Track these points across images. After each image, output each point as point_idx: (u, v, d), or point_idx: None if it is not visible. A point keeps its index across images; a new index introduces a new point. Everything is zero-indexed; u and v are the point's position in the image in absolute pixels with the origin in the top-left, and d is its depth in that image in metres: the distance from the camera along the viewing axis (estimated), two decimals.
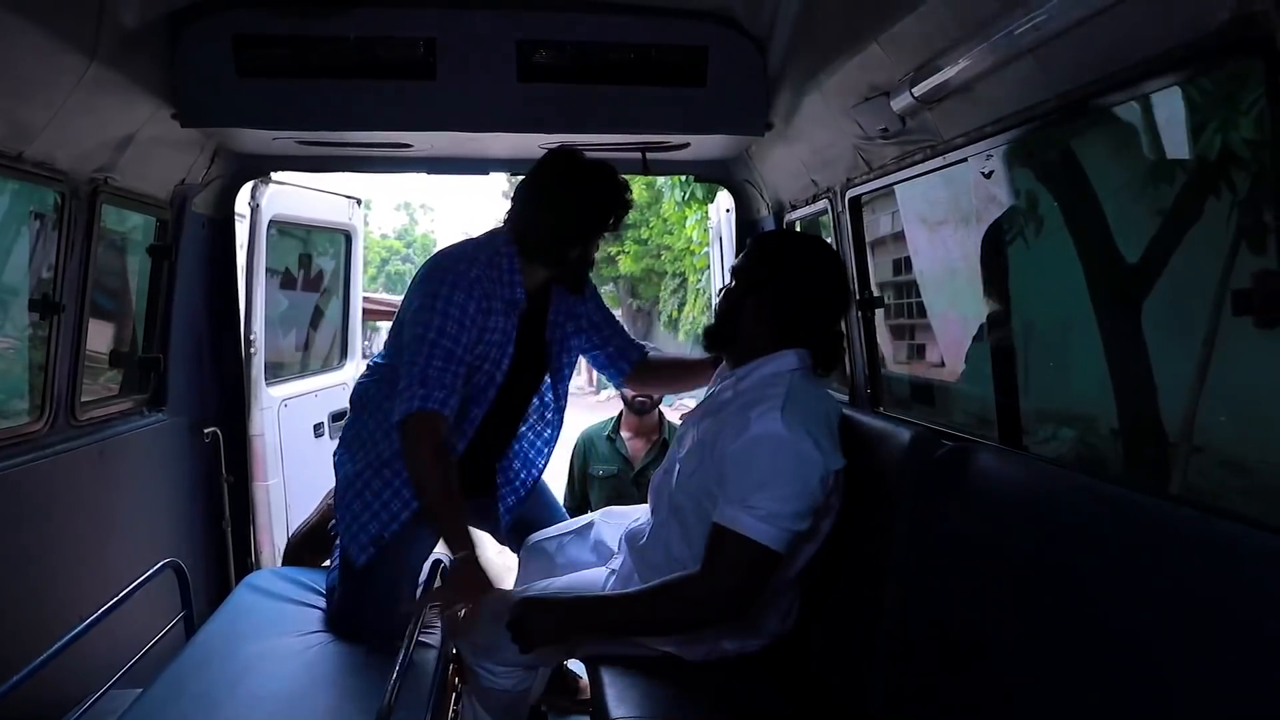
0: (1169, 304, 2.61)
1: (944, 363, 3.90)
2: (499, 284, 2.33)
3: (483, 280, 2.29)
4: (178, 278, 3.15)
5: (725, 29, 2.83)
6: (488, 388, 2.40)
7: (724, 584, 1.91)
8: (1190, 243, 2.53)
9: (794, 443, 1.90)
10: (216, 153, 3.15)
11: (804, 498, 1.90)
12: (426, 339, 2.22)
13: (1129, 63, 1.46)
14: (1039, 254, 2.89)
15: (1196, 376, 2.43)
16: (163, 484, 3.13)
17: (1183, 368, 2.48)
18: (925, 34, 1.87)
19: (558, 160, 2.41)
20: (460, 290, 2.25)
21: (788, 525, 1.88)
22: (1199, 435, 2.49)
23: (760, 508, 1.87)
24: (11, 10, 1.81)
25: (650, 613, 2.01)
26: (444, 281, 2.26)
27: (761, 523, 1.87)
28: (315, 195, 4.35)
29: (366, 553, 2.41)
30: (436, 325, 2.22)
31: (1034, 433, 2.73)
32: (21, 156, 2.18)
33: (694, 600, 1.95)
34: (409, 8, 2.76)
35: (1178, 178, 2.57)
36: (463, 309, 2.24)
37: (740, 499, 1.90)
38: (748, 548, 1.87)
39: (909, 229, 4.08)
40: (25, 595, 2.30)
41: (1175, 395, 2.52)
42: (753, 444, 1.93)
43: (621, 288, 20.59)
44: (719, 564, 1.91)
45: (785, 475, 1.90)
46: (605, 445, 3.97)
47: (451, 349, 2.23)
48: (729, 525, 1.89)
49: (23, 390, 2.67)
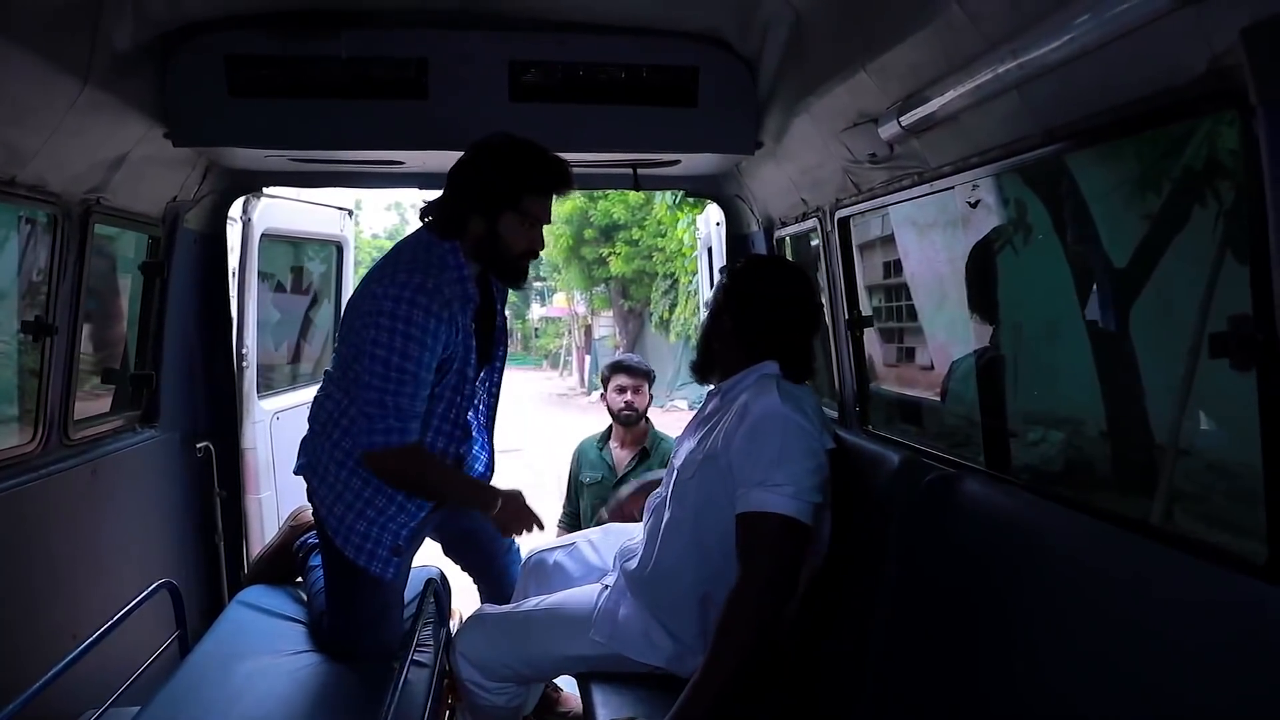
0: (1157, 309, 2.63)
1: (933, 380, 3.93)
2: (453, 283, 2.28)
3: (441, 288, 2.22)
4: (170, 294, 3.15)
5: (716, 49, 2.86)
6: (461, 386, 2.37)
7: (769, 570, 1.91)
8: (1177, 249, 2.55)
9: (795, 418, 2.00)
10: (208, 170, 3.15)
11: (816, 472, 1.97)
12: (391, 364, 2.18)
13: (1111, 104, 1.49)
14: (1028, 263, 2.91)
15: (1184, 380, 2.45)
16: (155, 500, 3.13)
17: (1170, 371, 2.50)
18: (913, 65, 1.90)
19: (480, 141, 2.34)
20: (417, 308, 2.17)
21: (809, 497, 1.94)
22: (1184, 439, 2.52)
23: (783, 483, 1.92)
24: (4, 36, 1.82)
25: (729, 658, 1.91)
26: (400, 299, 2.17)
27: (788, 498, 1.92)
28: (307, 208, 4.36)
29: (392, 565, 2.40)
30: (399, 349, 2.17)
31: (1024, 435, 2.76)
32: (15, 180, 2.19)
33: (752, 604, 1.91)
34: (400, 28, 2.77)
35: (1164, 186, 2.59)
36: (423, 328, 2.18)
37: (760, 481, 1.94)
38: (781, 525, 1.91)
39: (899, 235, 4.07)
40: (20, 616, 2.31)
41: (1162, 398, 2.54)
42: (757, 426, 2.01)
43: (613, 289, 20.59)
44: (758, 553, 1.93)
45: (795, 449, 1.97)
46: (594, 453, 4.06)
47: (416, 372, 2.21)
48: (757, 509, 1.93)
49: (13, 411, 2.66)
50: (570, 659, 2.42)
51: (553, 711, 3.06)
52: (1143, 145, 2.21)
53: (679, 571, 2.14)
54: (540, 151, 2.31)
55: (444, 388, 2.34)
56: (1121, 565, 1.42)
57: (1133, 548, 1.44)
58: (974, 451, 2.35)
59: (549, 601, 2.49)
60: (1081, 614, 1.45)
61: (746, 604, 1.92)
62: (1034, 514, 1.72)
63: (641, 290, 18.90)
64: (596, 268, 19.06)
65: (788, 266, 2.50)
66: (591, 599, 2.41)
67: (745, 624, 1.92)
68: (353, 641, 2.46)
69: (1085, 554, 1.49)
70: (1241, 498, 2.06)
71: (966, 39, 1.67)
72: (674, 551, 2.18)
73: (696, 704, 1.89)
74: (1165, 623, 1.30)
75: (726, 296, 2.28)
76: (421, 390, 2.24)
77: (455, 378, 2.35)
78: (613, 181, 3.67)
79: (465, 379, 2.38)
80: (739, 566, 1.95)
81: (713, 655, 1.93)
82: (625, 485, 2.99)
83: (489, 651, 2.43)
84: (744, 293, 2.25)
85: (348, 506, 2.38)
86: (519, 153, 2.30)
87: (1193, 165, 2.07)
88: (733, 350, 2.23)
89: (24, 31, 1.86)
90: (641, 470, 3.86)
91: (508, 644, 2.43)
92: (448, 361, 2.30)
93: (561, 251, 19.32)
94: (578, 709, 2.95)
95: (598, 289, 21.24)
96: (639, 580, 2.30)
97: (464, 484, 2.50)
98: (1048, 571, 1.56)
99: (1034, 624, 1.55)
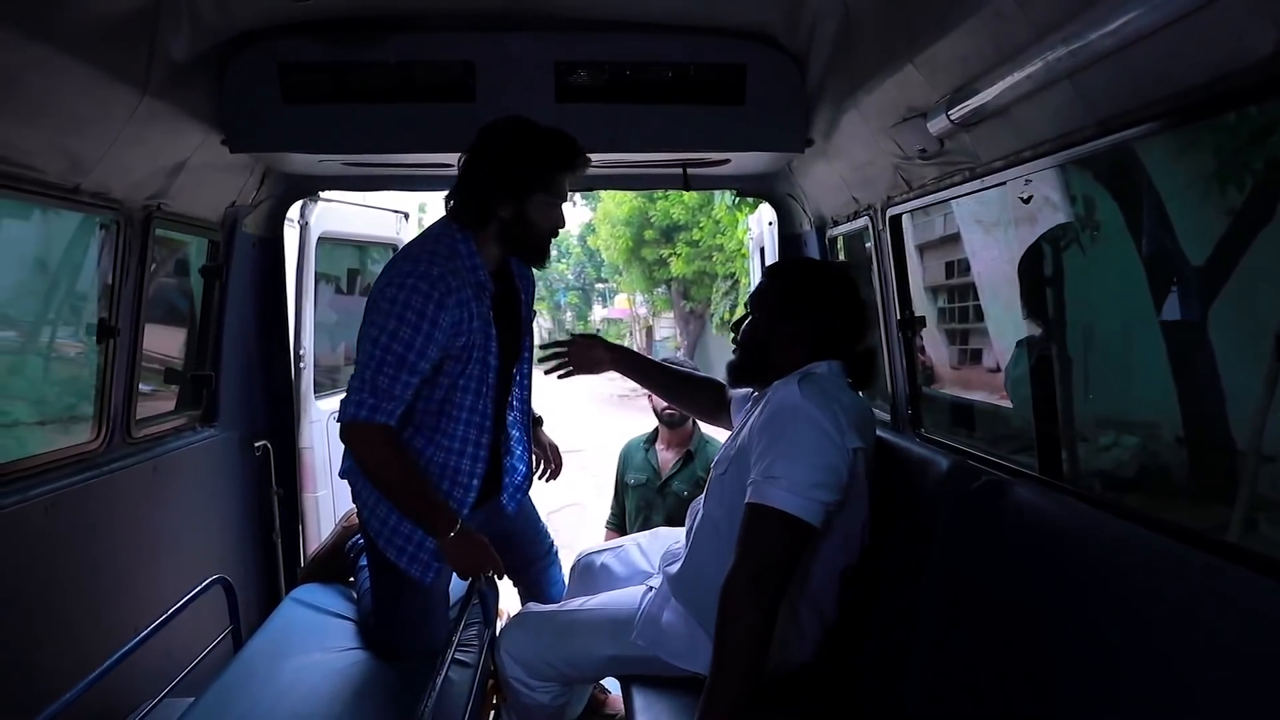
0: (1239, 308, 2.49)
1: (989, 383, 3.80)
2: (464, 271, 2.26)
3: (446, 276, 2.20)
4: (229, 296, 3.24)
5: (764, 47, 2.81)
6: (485, 376, 2.34)
7: (756, 565, 1.86)
8: (1262, 244, 2.41)
9: (809, 411, 1.94)
10: (265, 175, 3.23)
11: (825, 469, 1.90)
12: (380, 344, 2.17)
13: (1169, 92, 1.41)
14: (1096, 260, 2.78)
15: (1266, 383, 2.32)
16: (214, 498, 3.22)
17: (1252, 374, 2.37)
18: (961, 57, 1.84)
19: (493, 124, 2.33)
20: (418, 294, 2.16)
21: (813, 495, 1.87)
22: (1269, 444, 2.38)
23: (783, 478, 1.88)
24: (66, 51, 1.88)
25: (729, 643, 1.87)
26: (402, 285, 2.17)
27: (786, 492, 1.87)
28: (363, 211, 4.44)
29: (432, 569, 2.39)
30: (390, 330, 2.17)
31: (1094, 440, 2.64)
32: (79, 189, 2.27)
33: (733, 597, 1.86)
34: (447, 32, 2.80)
35: (1246, 179, 2.45)
36: (419, 312, 2.16)
37: (765, 475, 1.91)
38: (775, 518, 1.87)
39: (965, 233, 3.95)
40: (84, 608, 2.39)
41: (1244, 403, 2.41)
42: (771, 418, 1.98)
43: (674, 290, 20.57)
44: (749, 541, 1.90)
45: (804, 444, 1.91)
46: (640, 455, 4.03)
47: (404, 355, 2.17)
48: (757, 501, 1.90)
49: (80, 409, 2.77)
50: (613, 661, 2.40)
51: (600, 714, 3.05)
52: (1222, 135, 2.09)
53: (716, 572, 2.11)
54: (554, 130, 2.31)
55: (468, 379, 2.32)
56: (1174, 580, 1.33)
57: (1189, 561, 1.35)
58: (1031, 457, 2.26)
59: (593, 602, 2.49)
60: (1128, 629, 1.37)
61: (728, 596, 1.87)
62: (1086, 524, 1.63)
63: (702, 291, 18.84)
64: (657, 269, 19.06)
65: (845, 270, 2.43)
66: (635, 601, 2.40)
67: (728, 618, 1.86)
68: (397, 641, 2.48)
69: (1135, 565, 1.41)
70: None
71: (1016, 28, 1.60)
72: (711, 551, 2.15)
73: (711, 708, 1.85)
74: (1226, 645, 1.22)
75: (795, 299, 2.20)
76: (410, 376, 2.20)
77: (478, 367, 2.33)
78: (663, 181, 3.64)
79: (488, 368, 2.34)
80: (733, 557, 1.91)
81: (713, 656, 1.89)
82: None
83: (532, 650, 2.43)
84: (816, 297, 2.19)
85: (390, 509, 2.39)
86: (538, 134, 2.29)
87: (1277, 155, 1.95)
88: (797, 353, 2.16)
89: (84, 45, 1.93)
90: (686, 473, 3.83)
91: (551, 643, 2.43)
92: (466, 349, 2.28)
93: (622, 253, 19.37)
94: (624, 712, 2.95)
95: (659, 290, 21.24)
96: (680, 583, 2.27)
97: (424, 494, 2.28)
98: (1098, 585, 1.48)
99: (1078, 637, 1.47)
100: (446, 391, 2.32)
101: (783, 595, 1.90)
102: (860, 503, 2.08)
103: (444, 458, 2.36)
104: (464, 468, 2.38)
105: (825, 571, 2.11)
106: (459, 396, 2.33)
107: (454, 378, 2.30)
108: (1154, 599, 1.36)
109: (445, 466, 2.36)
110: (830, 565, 2.11)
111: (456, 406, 2.33)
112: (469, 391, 2.33)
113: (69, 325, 3.54)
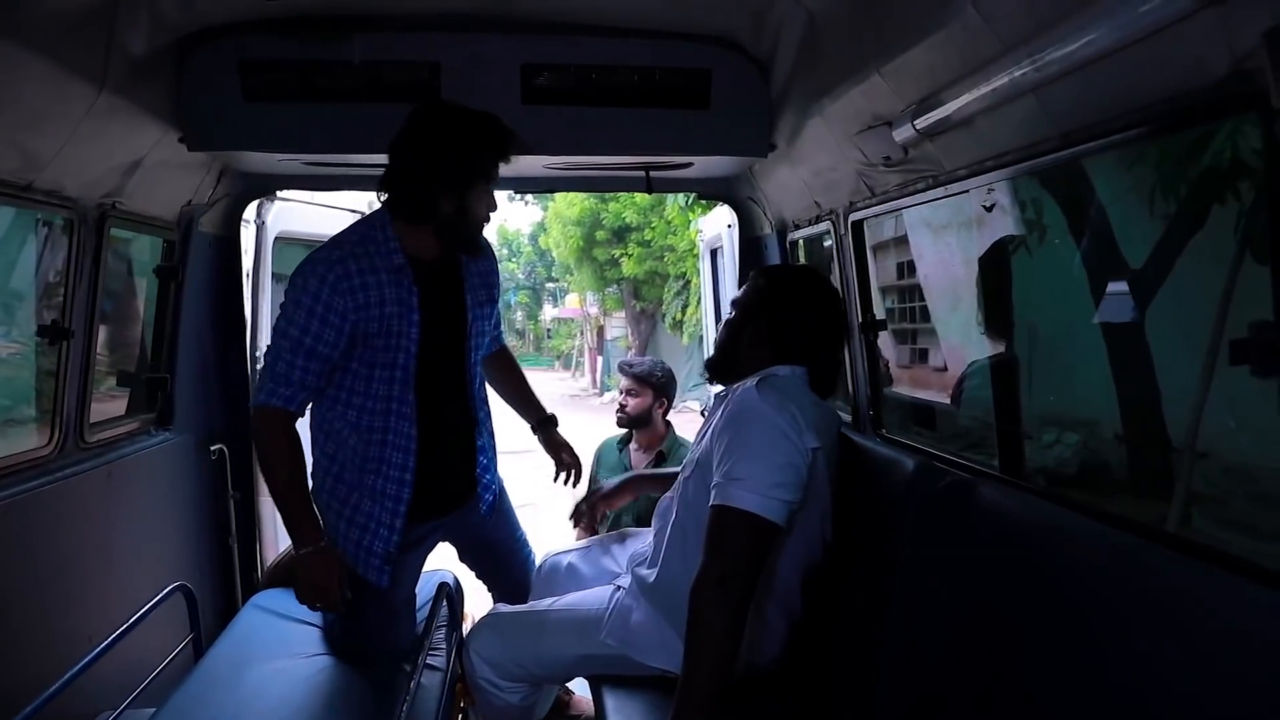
0: (1174, 311, 2.60)
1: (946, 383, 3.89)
2: (375, 256, 2.27)
3: (345, 259, 2.23)
4: (184, 297, 3.17)
5: (728, 52, 2.85)
6: (399, 358, 2.32)
7: (723, 566, 1.88)
8: (1194, 250, 2.52)
9: (765, 412, 1.97)
10: (223, 173, 3.16)
11: (784, 469, 1.93)
12: (278, 329, 2.24)
13: (1130, 108, 1.47)
14: (1042, 265, 2.88)
15: (1201, 381, 2.43)
16: (170, 503, 3.15)
17: (1187, 373, 2.47)
18: (928, 68, 1.89)
19: (424, 113, 2.33)
20: (313, 277, 2.21)
21: (775, 494, 1.90)
22: (1202, 441, 2.49)
23: (744, 477, 1.91)
24: (22, 44, 1.82)
25: (700, 644, 1.87)
26: (299, 273, 2.24)
27: (749, 493, 1.89)
28: (321, 211, 4.36)
29: (384, 574, 2.39)
30: (288, 316, 2.22)
31: (1038, 438, 2.73)
32: (31, 186, 2.20)
33: (702, 598, 1.87)
34: (413, 32, 2.78)
35: (1180, 188, 2.56)
36: (314, 295, 2.20)
37: (727, 476, 1.93)
38: (739, 519, 1.89)
39: (912, 237, 4.04)
40: (37, 618, 2.32)
41: (1179, 401, 2.52)
42: (731, 419, 2.01)
43: (625, 290, 20.60)
44: (714, 542, 1.92)
45: (762, 445, 1.94)
46: (613, 455, 4.05)
47: (300, 339, 2.20)
48: (721, 503, 1.92)
49: (31, 413, 2.68)
50: (582, 660, 2.41)
51: (564, 715, 3.06)
52: (1160, 147, 2.19)
53: (684, 573, 2.13)
54: (484, 115, 2.32)
55: (385, 367, 2.30)
56: (1137, 573, 1.40)
57: (1149, 556, 1.42)
58: (989, 456, 2.33)
59: (562, 602, 2.50)
60: (1096, 622, 1.43)
61: (697, 597, 1.89)
62: (1048, 520, 1.70)
63: (654, 291, 18.91)
64: (609, 269, 19.07)
65: (822, 279, 2.45)
66: (604, 600, 2.41)
67: (699, 619, 1.88)
68: (363, 646, 2.47)
69: (1099, 560, 1.47)
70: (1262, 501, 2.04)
71: (982, 41, 1.65)
72: (678, 552, 2.18)
73: (685, 708, 1.87)
74: (1183, 633, 1.28)
75: (761, 298, 2.25)
76: (309, 360, 2.22)
77: (398, 355, 2.31)
78: (625, 184, 3.66)
79: (406, 353, 2.32)
80: (701, 558, 1.93)
81: (684, 657, 1.90)
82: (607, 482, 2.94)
83: (502, 651, 2.43)
84: (784, 297, 2.23)
85: (338, 514, 2.38)
86: (473, 123, 2.29)
87: (1215, 166, 2.04)
88: (760, 351, 2.20)
89: (40, 38, 1.87)
90: None
91: (521, 644, 2.43)
92: (382, 333, 2.27)
93: (573, 252, 19.34)
94: (590, 713, 2.95)
95: (610, 290, 21.25)
96: (648, 583, 2.30)
97: (295, 496, 2.30)
98: (1063, 580, 1.54)
99: (1050, 632, 1.53)
100: (367, 374, 2.31)
101: (751, 594, 1.92)
102: (819, 501, 2.12)
103: (378, 451, 2.35)
104: (393, 459, 2.35)
105: (789, 569, 2.15)
106: (378, 382, 2.32)
107: (370, 364, 2.30)
108: (1117, 591, 1.42)
109: (380, 460, 2.35)
110: (794, 563, 2.15)
111: (361, 392, 2.32)
112: (375, 368, 2.31)
113: (3, 325, 3.42)
